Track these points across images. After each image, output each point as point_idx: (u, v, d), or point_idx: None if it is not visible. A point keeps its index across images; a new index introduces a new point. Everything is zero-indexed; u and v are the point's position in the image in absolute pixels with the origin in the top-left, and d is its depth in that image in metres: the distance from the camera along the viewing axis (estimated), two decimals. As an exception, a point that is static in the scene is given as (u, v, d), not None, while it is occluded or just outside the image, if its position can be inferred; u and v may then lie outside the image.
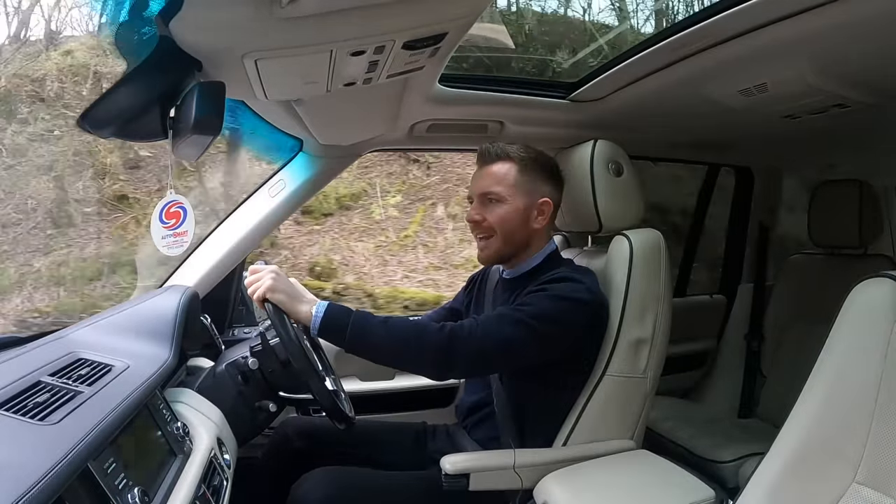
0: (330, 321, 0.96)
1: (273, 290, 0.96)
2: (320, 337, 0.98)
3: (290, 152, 1.42)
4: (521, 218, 1.13)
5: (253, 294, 0.98)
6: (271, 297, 0.96)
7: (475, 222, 1.15)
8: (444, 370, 1.00)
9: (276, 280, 0.97)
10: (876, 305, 0.71)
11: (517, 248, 1.16)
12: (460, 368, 1.01)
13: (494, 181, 1.13)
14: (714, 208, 2.14)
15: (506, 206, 1.12)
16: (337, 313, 0.97)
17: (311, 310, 0.96)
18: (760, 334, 1.98)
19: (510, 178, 1.12)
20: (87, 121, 0.76)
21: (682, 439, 1.70)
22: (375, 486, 1.07)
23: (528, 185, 1.13)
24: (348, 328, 0.95)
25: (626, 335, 1.12)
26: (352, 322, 0.96)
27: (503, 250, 1.15)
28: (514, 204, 1.12)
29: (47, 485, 0.52)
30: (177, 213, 0.90)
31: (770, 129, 1.51)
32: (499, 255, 1.16)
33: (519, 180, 1.12)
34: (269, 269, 0.99)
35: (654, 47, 1.06)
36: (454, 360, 0.98)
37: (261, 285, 0.97)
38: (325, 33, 0.76)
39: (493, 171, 1.13)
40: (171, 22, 0.69)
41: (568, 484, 0.99)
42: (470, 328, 0.98)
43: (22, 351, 0.83)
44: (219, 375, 1.07)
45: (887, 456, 0.66)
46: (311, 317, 0.96)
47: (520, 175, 1.13)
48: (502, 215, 1.12)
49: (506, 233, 1.13)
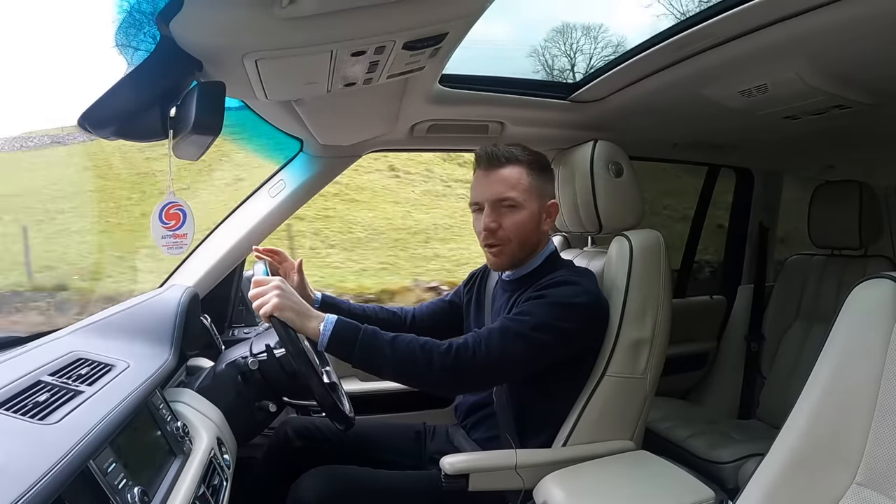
0: (338, 339, 0.95)
1: (281, 309, 0.93)
2: (327, 352, 0.97)
3: (290, 152, 1.42)
4: (535, 222, 1.11)
5: (258, 310, 0.95)
6: (279, 315, 0.93)
7: (490, 230, 1.10)
8: (450, 389, 1.01)
9: (282, 297, 0.94)
10: (875, 306, 0.71)
11: (530, 251, 1.14)
12: (466, 387, 1.00)
13: (509, 186, 1.08)
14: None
15: (523, 213, 1.09)
16: (345, 331, 0.95)
17: (319, 326, 0.95)
18: (760, 335, 1.98)
19: (524, 183, 1.09)
20: (88, 120, 0.76)
21: (681, 440, 1.69)
22: (375, 486, 1.07)
23: (539, 189, 1.11)
24: (356, 347, 0.95)
25: (626, 336, 1.12)
26: (360, 341, 0.95)
27: (518, 256, 1.13)
28: (530, 209, 1.10)
29: (47, 484, 0.52)
30: (176, 214, 0.90)
31: (770, 130, 1.51)
32: (513, 260, 1.14)
33: (532, 184, 1.10)
34: (273, 284, 0.96)
35: (654, 48, 1.06)
36: (460, 381, 0.98)
37: (267, 301, 0.94)
38: (325, 33, 0.76)
39: (505, 175, 1.09)
40: (171, 22, 0.69)
41: (567, 484, 0.99)
42: (475, 348, 0.97)
43: (22, 350, 0.84)
44: (219, 375, 1.07)
45: (887, 457, 0.66)
46: (320, 333, 0.95)
47: (531, 179, 1.10)
48: (519, 222, 1.09)
49: (522, 239, 1.11)
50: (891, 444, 0.66)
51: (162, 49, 0.72)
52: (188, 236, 0.91)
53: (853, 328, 0.73)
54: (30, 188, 5.63)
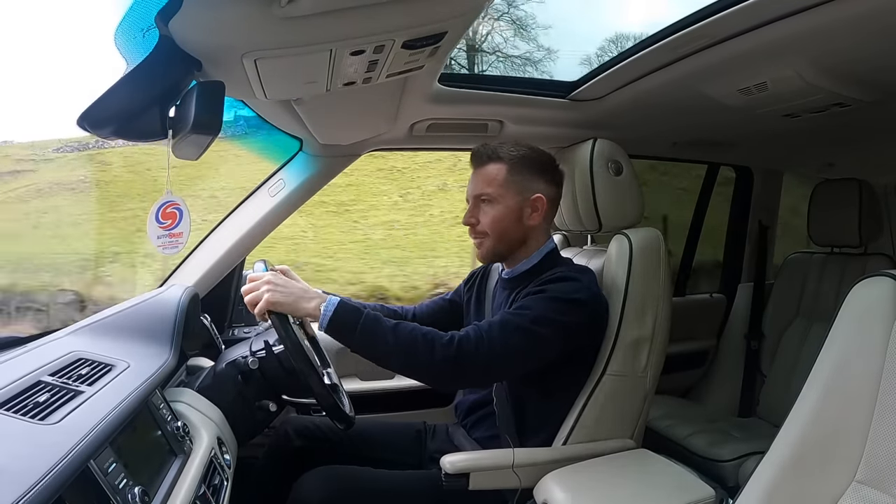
0: (339, 319, 0.94)
1: (273, 304, 0.94)
2: (326, 333, 0.96)
3: (289, 152, 1.42)
4: (513, 216, 1.14)
5: (253, 309, 0.95)
6: (274, 309, 0.94)
7: (470, 225, 1.16)
8: (450, 381, 1.00)
9: (274, 290, 0.94)
10: (875, 304, 0.71)
11: (513, 245, 1.16)
12: (466, 380, 1.00)
13: (486, 183, 1.13)
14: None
15: (498, 207, 1.13)
16: (347, 314, 0.95)
17: (321, 306, 0.95)
18: (760, 333, 1.98)
19: (500, 178, 1.13)
20: (87, 120, 0.76)
21: (681, 438, 1.70)
22: (375, 486, 1.07)
23: (519, 184, 1.13)
24: (357, 332, 0.94)
25: (626, 334, 1.12)
26: (361, 325, 0.95)
27: (498, 248, 1.16)
28: (506, 203, 1.13)
29: (48, 484, 0.52)
30: (173, 213, 0.90)
31: (770, 129, 1.51)
32: (494, 252, 1.16)
33: (509, 179, 1.13)
34: (264, 280, 0.96)
35: (653, 46, 1.06)
36: (461, 374, 0.98)
37: (259, 298, 0.94)
38: (324, 33, 0.75)
39: (485, 172, 1.14)
40: (170, 21, 0.69)
41: (568, 483, 0.99)
42: (476, 341, 0.97)
43: (22, 351, 0.84)
44: (219, 375, 1.07)
45: (887, 455, 0.66)
46: (320, 313, 0.94)
47: (510, 174, 1.13)
48: (494, 216, 1.13)
49: (498, 232, 1.14)
50: (891, 442, 0.66)
51: (161, 48, 0.72)
52: (184, 235, 0.91)
53: (853, 326, 0.73)
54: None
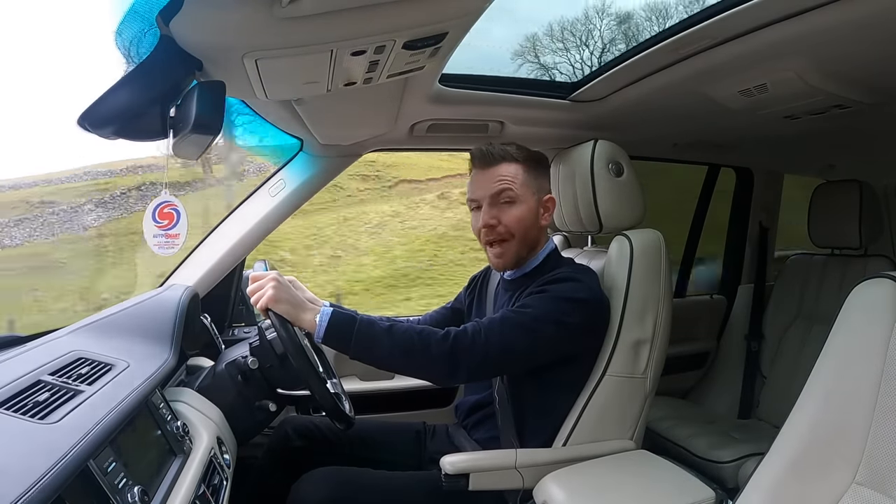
0: (334, 330, 0.95)
1: (276, 301, 0.95)
2: (324, 345, 0.97)
3: (289, 152, 1.42)
4: (533, 217, 1.13)
5: (255, 303, 0.97)
6: (274, 307, 0.95)
7: (490, 227, 1.11)
8: (449, 377, 1.00)
9: (278, 290, 0.96)
10: (876, 306, 0.71)
11: (531, 248, 1.15)
12: (465, 375, 1.01)
13: (505, 182, 1.11)
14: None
15: (521, 207, 1.11)
16: (341, 321, 0.96)
17: (315, 318, 0.95)
18: (760, 335, 1.98)
19: (520, 178, 1.11)
20: (87, 120, 0.76)
21: (681, 439, 1.69)
22: (375, 486, 1.06)
23: (534, 184, 1.13)
24: (353, 337, 0.95)
25: (627, 335, 1.12)
26: (356, 331, 0.95)
27: (521, 252, 1.14)
28: (528, 203, 1.12)
29: (47, 484, 0.52)
30: (170, 214, 0.90)
31: (770, 130, 1.51)
32: (517, 258, 1.14)
33: (527, 179, 1.12)
34: (269, 277, 0.98)
35: (654, 48, 1.06)
36: (459, 368, 0.97)
37: (263, 294, 0.95)
38: (325, 33, 0.75)
39: (501, 172, 1.11)
40: (171, 21, 0.69)
41: (567, 484, 0.99)
42: (473, 335, 0.98)
43: (22, 350, 0.83)
44: (218, 375, 1.07)
45: (887, 456, 0.66)
46: (316, 325, 0.95)
47: (527, 174, 1.12)
48: (518, 216, 1.11)
49: (522, 233, 1.12)
50: (891, 444, 0.66)
51: (162, 48, 0.72)
52: (181, 236, 0.91)
53: (853, 328, 0.73)
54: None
